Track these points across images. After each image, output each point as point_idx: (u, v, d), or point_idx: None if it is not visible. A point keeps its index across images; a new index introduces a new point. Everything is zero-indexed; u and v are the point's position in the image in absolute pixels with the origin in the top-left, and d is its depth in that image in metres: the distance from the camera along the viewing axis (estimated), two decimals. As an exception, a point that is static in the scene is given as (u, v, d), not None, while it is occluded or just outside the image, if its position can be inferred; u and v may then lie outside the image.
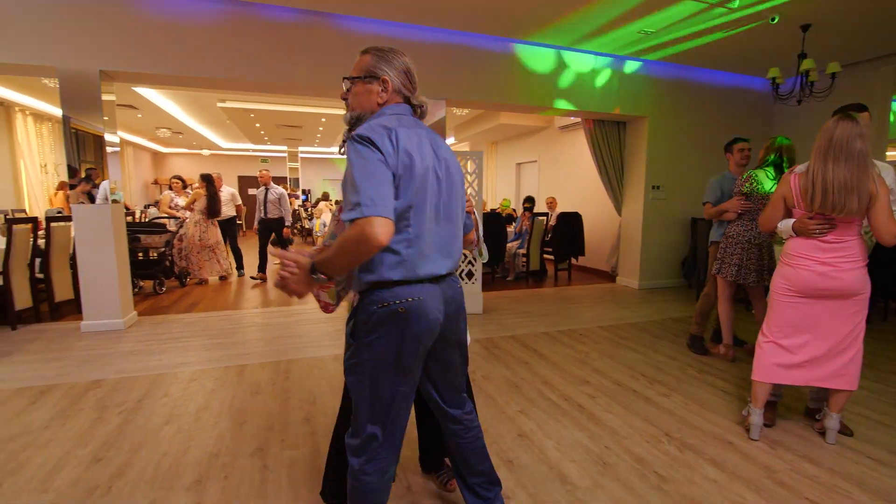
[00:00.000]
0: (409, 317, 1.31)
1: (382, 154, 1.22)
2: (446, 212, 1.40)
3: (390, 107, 1.39)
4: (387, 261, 1.30)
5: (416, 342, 1.34)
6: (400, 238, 1.29)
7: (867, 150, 2.13)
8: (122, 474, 2.05)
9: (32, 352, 3.62)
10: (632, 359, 3.61)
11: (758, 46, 5.28)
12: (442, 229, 1.39)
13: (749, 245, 3.29)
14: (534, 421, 2.57)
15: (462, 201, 1.50)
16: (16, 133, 7.52)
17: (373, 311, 1.31)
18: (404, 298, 1.30)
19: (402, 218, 1.28)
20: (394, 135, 1.26)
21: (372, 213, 1.14)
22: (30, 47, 3.77)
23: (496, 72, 5.23)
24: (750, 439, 2.41)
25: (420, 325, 1.33)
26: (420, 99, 1.45)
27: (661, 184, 6.32)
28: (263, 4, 4.30)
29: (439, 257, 1.38)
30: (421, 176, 1.29)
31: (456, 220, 1.45)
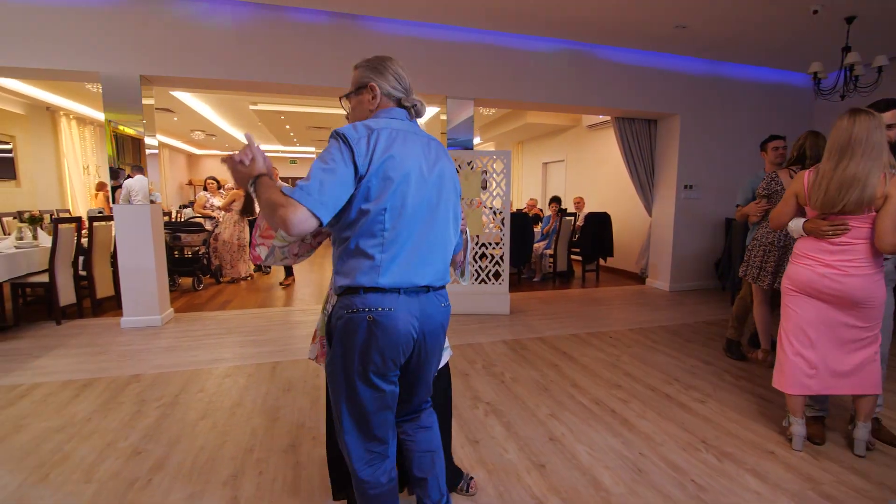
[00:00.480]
0: (377, 328, 1.26)
1: (353, 153, 1.21)
2: (432, 220, 1.33)
3: (383, 111, 1.38)
4: (360, 264, 1.26)
5: (380, 355, 1.28)
6: (374, 242, 1.26)
7: (883, 143, 2.03)
8: (161, 467, 2.11)
9: (76, 346, 3.77)
10: (664, 363, 3.52)
11: (798, 40, 5.09)
12: (425, 237, 1.32)
13: (771, 248, 3.19)
14: (565, 425, 2.54)
15: (455, 212, 1.43)
16: (60, 136, 7.86)
17: (342, 316, 1.29)
18: (374, 307, 1.26)
19: (375, 221, 1.25)
20: (375, 135, 1.25)
21: (303, 202, 1.14)
22: (77, 54, 3.93)
23: (525, 70, 5.18)
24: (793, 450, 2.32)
25: (388, 338, 1.27)
26: (412, 99, 1.43)
27: (693, 183, 6.16)
28: (295, 7, 4.37)
29: (419, 266, 1.31)
30: (401, 179, 1.26)
31: (444, 230, 1.38)
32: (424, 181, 1.32)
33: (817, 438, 2.38)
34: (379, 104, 1.39)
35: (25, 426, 2.46)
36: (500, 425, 2.52)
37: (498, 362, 3.49)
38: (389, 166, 1.24)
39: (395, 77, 1.41)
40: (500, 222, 4.88)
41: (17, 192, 6.96)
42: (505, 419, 2.59)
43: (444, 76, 4.92)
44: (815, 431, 2.40)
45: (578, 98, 5.47)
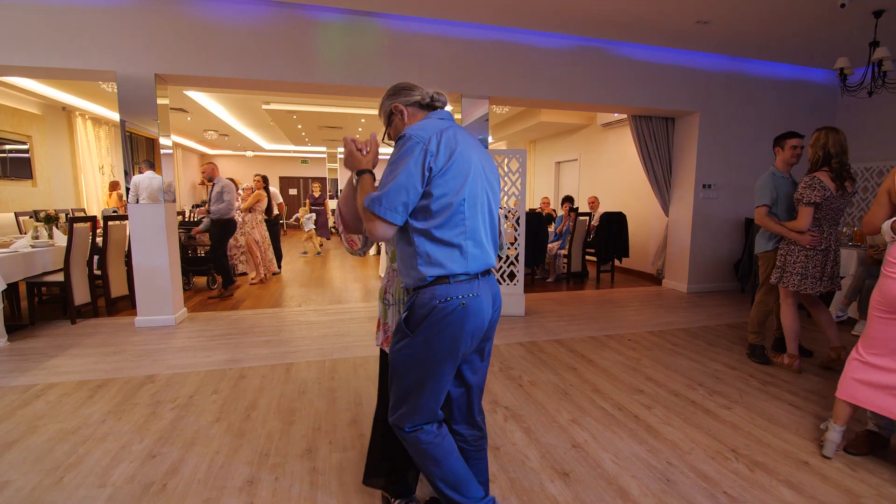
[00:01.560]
0: (468, 312, 1.38)
1: (425, 153, 1.31)
2: (491, 206, 1.49)
3: (423, 118, 1.48)
4: (450, 254, 1.37)
5: (470, 338, 1.41)
6: (458, 231, 1.37)
7: None
8: (176, 471, 2.07)
9: (91, 346, 3.77)
10: (687, 367, 3.42)
11: (823, 35, 4.94)
12: (489, 223, 1.49)
13: (814, 252, 3.04)
14: (587, 431, 2.46)
15: (497, 197, 1.55)
16: (76, 136, 7.92)
17: (433, 305, 1.36)
18: (466, 294, 1.38)
19: (457, 212, 1.36)
20: (440, 134, 1.35)
21: (382, 215, 1.29)
22: (93, 54, 3.93)
23: (540, 67, 5.09)
24: (824, 457, 2.22)
25: (476, 322, 1.40)
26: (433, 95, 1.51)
27: (712, 182, 6.03)
28: (310, 5, 4.33)
29: (491, 251, 1.48)
30: (471, 171, 1.39)
31: (496, 214, 1.53)
32: (483, 171, 1.46)
33: (852, 449, 2.26)
34: (412, 116, 1.51)
35: (40, 427, 2.44)
36: (521, 431, 2.45)
37: (515, 365, 3.42)
38: (460, 161, 1.36)
39: (407, 89, 1.52)
40: (515, 222, 4.80)
41: (34, 192, 7.01)
42: (525, 425, 2.52)
43: (460, 74, 4.86)
44: (858, 442, 2.26)
45: (595, 96, 5.37)
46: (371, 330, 4.24)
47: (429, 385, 1.42)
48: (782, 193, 3.27)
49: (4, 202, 6.37)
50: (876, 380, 2.07)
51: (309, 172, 17.17)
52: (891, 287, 2.00)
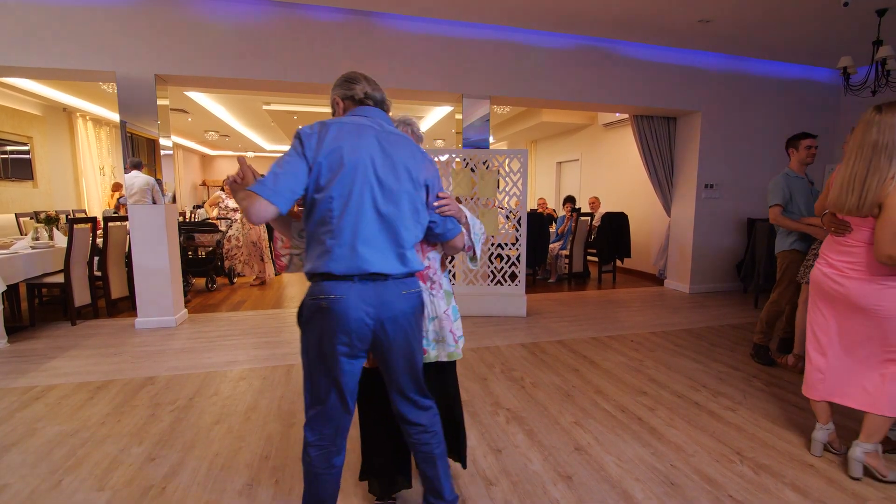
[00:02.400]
0: (330, 314, 1.34)
1: (303, 147, 1.33)
2: (383, 209, 1.38)
3: (349, 112, 1.49)
4: (315, 251, 1.37)
5: (333, 340, 1.36)
6: (325, 229, 1.35)
7: (882, 144, 1.84)
8: (176, 474, 2.05)
9: (91, 347, 3.75)
10: (690, 368, 3.40)
11: (826, 34, 4.92)
12: (375, 226, 1.37)
13: None
14: (590, 434, 2.43)
15: (413, 204, 1.44)
16: (77, 137, 7.92)
17: (305, 302, 1.41)
18: (328, 294, 1.34)
19: (325, 208, 1.34)
20: (325, 129, 1.35)
21: (260, 193, 1.28)
22: (93, 54, 3.92)
23: (542, 67, 5.07)
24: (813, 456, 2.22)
25: (339, 324, 1.34)
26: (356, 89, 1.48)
27: (714, 182, 6.00)
28: (310, 5, 4.31)
29: (369, 254, 1.36)
30: (348, 169, 1.33)
31: (397, 220, 1.40)
32: (374, 171, 1.37)
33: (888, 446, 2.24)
34: (344, 110, 1.51)
35: (39, 430, 2.42)
36: (523, 433, 2.43)
37: (517, 366, 3.39)
38: (336, 157, 1.33)
39: (350, 81, 1.50)
40: (517, 222, 4.78)
41: (35, 193, 7.01)
42: (527, 427, 2.50)
43: (460, 74, 4.84)
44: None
45: (596, 95, 5.35)
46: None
47: (308, 382, 1.44)
48: (797, 193, 3.26)
49: (5, 203, 6.36)
50: (818, 370, 2.18)
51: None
52: (813, 272, 2.22)
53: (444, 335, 1.69)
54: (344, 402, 1.45)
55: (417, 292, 1.48)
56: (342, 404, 1.45)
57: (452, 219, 1.62)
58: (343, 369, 1.40)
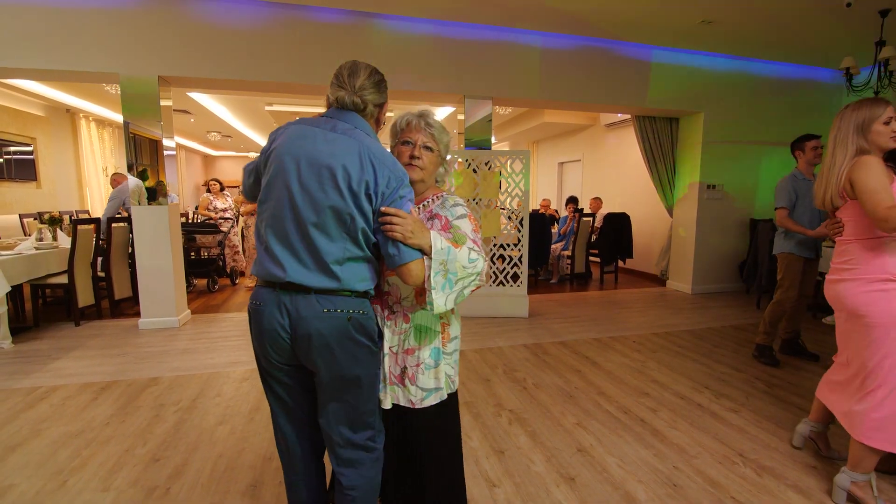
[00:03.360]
0: (253, 322, 1.32)
1: (264, 148, 1.35)
2: (307, 216, 1.21)
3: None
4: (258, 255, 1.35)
5: (258, 350, 1.33)
6: (258, 233, 1.32)
7: (839, 139, 1.92)
8: (180, 475, 2.06)
9: (94, 347, 3.77)
10: (692, 369, 3.39)
11: (829, 34, 4.91)
12: (291, 232, 1.23)
13: None
14: (593, 435, 2.44)
15: (341, 215, 1.21)
16: (80, 138, 7.94)
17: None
18: (254, 301, 1.32)
19: (260, 213, 1.32)
20: (282, 130, 1.32)
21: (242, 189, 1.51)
22: (96, 55, 3.93)
23: (544, 68, 5.08)
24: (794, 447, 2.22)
25: (258, 333, 1.30)
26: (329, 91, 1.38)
27: (716, 183, 5.99)
28: (313, 7, 4.32)
29: (289, 263, 1.22)
30: (274, 172, 1.26)
31: (320, 229, 1.22)
32: (298, 177, 1.22)
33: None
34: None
35: (44, 430, 2.44)
36: (525, 435, 2.43)
37: (519, 367, 3.40)
38: (270, 159, 1.29)
39: (333, 82, 1.39)
40: (519, 223, 4.79)
41: (38, 194, 7.03)
42: (530, 428, 2.50)
43: (462, 75, 4.84)
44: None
45: (598, 96, 5.35)
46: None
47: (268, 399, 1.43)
48: (804, 195, 3.26)
49: (9, 204, 6.39)
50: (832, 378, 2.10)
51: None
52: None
53: (414, 376, 1.39)
54: (295, 436, 1.39)
55: (346, 314, 1.24)
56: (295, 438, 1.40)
57: (399, 244, 1.23)
58: (271, 386, 1.36)
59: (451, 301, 1.27)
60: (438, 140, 1.44)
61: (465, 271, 1.27)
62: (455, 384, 1.50)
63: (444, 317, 1.46)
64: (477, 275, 1.30)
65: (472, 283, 1.30)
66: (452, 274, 1.26)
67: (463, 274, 1.26)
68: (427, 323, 1.42)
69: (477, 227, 1.40)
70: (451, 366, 1.47)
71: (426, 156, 1.43)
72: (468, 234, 1.35)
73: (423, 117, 1.44)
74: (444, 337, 1.45)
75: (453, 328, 1.49)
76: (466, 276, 1.27)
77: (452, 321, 1.49)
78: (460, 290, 1.28)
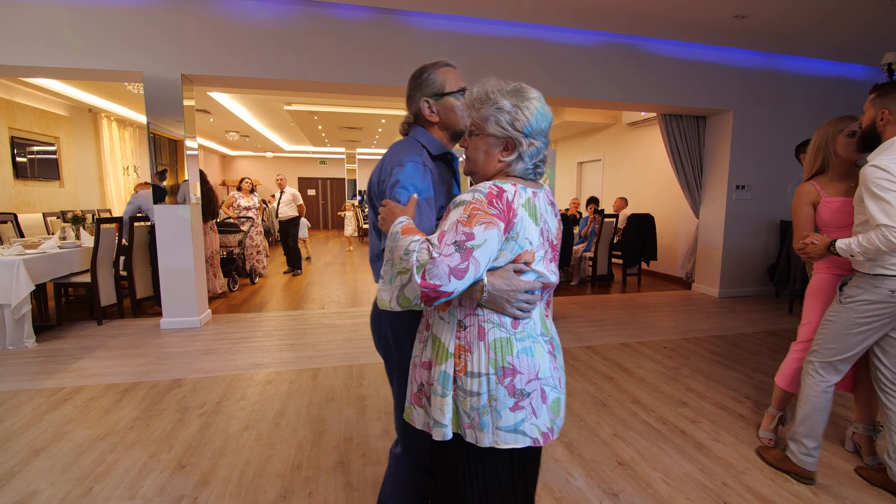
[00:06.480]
0: None
1: None
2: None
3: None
4: None
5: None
6: None
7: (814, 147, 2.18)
8: (207, 483, 1.99)
9: (117, 347, 3.74)
10: (729, 377, 3.25)
11: (867, 30, 4.71)
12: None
13: None
14: (632, 447, 2.32)
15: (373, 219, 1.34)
16: (102, 137, 8.01)
17: None
18: None
19: None
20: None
21: None
22: (121, 54, 3.92)
23: (567, 65, 4.96)
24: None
25: None
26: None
27: (746, 183, 5.81)
28: (336, 4, 4.26)
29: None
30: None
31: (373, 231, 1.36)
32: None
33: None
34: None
35: (68, 433, 2.40)
36: (562, 445, 2.33)
37: (548, 373, 3.29)
38: None
39: None
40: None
41: (61, 193, 7.09)
42: (565, 439, 2.40)
43: (484, 72, 4.70)
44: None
45: (624, 94, 5.21)
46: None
47: None
48: None
49: (32, 203, 6.45)
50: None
51: (328, 173, 17.22)
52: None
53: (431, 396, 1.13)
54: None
55: (376, 315, 1.40)
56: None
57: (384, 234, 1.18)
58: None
59: (395, 300, 1.04)
60: (480, 116, 1.11)
61: (401, 264, 1.02)
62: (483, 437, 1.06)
63: (462, 336, 1.08)
64: (409, 272, 0.99)
65: (409, 282, 1.00)
66: (396, 265, 1.04)
67: (399, 267, 1.03)
68: (439, 334, 1.12)
69: (467, 221, 0.99)
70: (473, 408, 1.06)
71: (470, 143, 1.15)
72: (445, 223, 1.03)
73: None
74: (460, 365, 1.08)
75: (476, 361, 1.06)
76: (402, 270, 1.01)
77: (478, 351, 1.06)
78: (400, 287, 1.02)
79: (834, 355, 1.99)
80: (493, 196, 1.02)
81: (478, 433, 1.06)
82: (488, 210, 1.00)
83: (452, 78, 1.35)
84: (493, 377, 1.05)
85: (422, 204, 1.18)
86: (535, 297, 1.08)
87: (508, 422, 1.05)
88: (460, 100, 1.34)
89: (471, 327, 1.08)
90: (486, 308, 1.07)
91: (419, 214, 1.16)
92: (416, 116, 1.36)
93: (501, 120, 1.08)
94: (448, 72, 1.37)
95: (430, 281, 0.96)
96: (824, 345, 2.01)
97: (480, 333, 1.06)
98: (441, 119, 1.33)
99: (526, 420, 1.06)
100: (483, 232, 0.99)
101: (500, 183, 1.05)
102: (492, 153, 1.11)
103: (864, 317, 1.88)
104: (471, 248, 0.98)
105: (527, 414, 1.06)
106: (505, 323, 1.07)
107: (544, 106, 1.11)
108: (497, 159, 1.11)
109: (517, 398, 1.06)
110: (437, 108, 1.32)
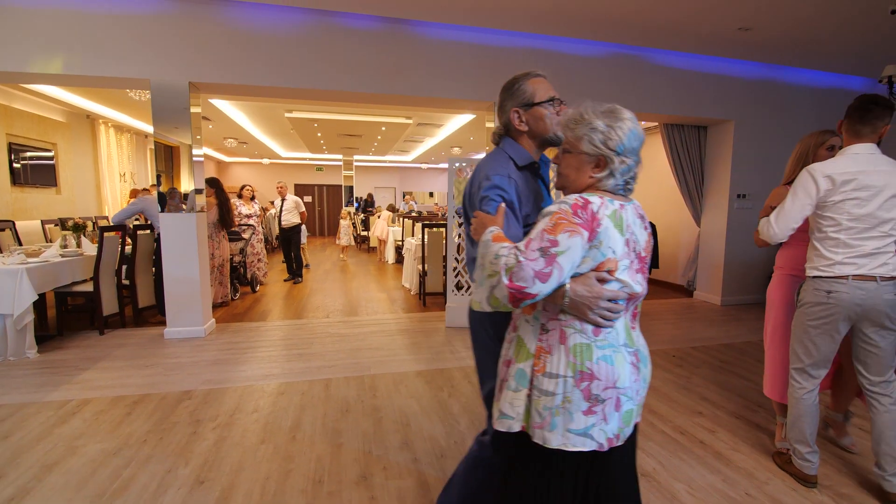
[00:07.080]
0: None
1: None
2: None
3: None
4: None
5: None
6: None
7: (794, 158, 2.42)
8: (228, 499, 1.96)
9: (122, 358, 3.68)
10: (741, 386, 3.26)
11: (868, 42, 4.79)
12: None
13: None
14: (654, 458, 2.32)
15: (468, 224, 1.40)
16: (99, 144, 7.93)
17: None
18: None
19: None
20: None
21: None
22: (128, 61, 3.89)
23: (571, 75, 4.99)
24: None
25: None
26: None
27: (747, 192, 5.87)
28: (344, 13, 4.26)
29: None
30: None
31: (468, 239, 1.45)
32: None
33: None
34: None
35: (80, 448, 2.35)
36: (583, 457, 2.31)
37: (560, 383, 3.28)
38: None
39: None
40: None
41: (58, 199, 7.00)
42: (586, 450, 2.38)
43: (491, 82, 4.76)
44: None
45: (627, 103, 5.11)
46: (403, 343, 4.12)
47: None
48: None
49: (29, 210, 6.36)
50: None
51: (324, 180, 17.19)
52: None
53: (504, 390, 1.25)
54: None
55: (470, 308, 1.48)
56: None
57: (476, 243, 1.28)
58: None
59: (486, 301, 1.11)
60: (574, 136, 1.17)
61: (491, 267, 1.10)
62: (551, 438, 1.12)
63: (544, 339, 1.16)
64: (497, 274, 1.07)
65: (498, 284, 1.07)
66: (486, 269, 1.12)
67: (489, 270, 1.11)
68: (524, 335, 1.21)
69: (552, 229, 1.06)
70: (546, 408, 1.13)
71: (563, 160, 1.22)
72: (532, 232, 1.11)
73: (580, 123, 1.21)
74: (539, 365, 1.15)
75: (555, 363, 1.13)
76: (492, 273, 1.09)
77: (558, 354, 1.13)
78: (490, 289, 1.10)
79: (801, 361, 2.07)
80: (578, 206, 1.08)
81: (547, 434, 1.13)
82: (573, 219, 1.06)
83: (542, 88, 1.42)
84: (570, 380, 1.11)
85: (508, 214, 1.27)
86: (618, 306, 1.11)
87: (579, 425, 1.11)
88: (549, 109, 1.40)
89: (553, 331, 1.15)
90: (568, 313, 1.12)
91: (506, 223, 1.25)
92: (506, 126, 1.44)
93: (595, 139, 1.14)
94: (538, 82, 1.43)
95: (517, 283, 1.04)
96: (793, 351, 2.12)
97: (562, 337, 1.13)
98: (530, 128, 1.42)
99: (596, 425, 1.11)
100: (567, 239, 1.05)
101: (586, 195, 1.11)
102: (583, 170, 1.17)
103: (812, 319, 2.00)
104: (555, 254, 1.04)
105: (598, 419, 1.11)
106: (586, 329, 1.12)
107: (637, 126, 1.17)
108: (588, 175, 1.17)
109: (591, 403, 1.11)
110: (526, 118, 1.41)
